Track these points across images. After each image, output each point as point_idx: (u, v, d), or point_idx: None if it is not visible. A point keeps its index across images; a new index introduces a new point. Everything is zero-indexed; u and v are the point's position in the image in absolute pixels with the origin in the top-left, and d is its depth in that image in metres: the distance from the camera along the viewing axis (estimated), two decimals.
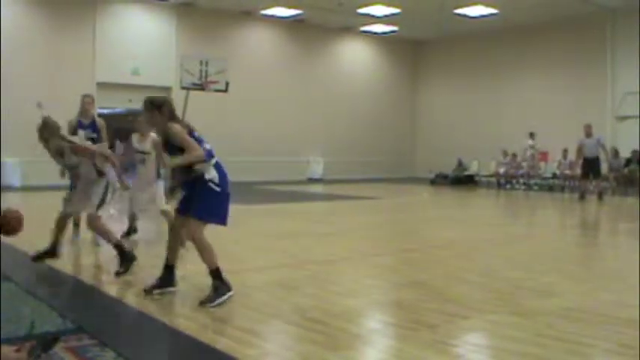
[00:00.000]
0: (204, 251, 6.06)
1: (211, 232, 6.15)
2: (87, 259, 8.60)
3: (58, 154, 7.34)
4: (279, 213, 14.98)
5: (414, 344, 4.83)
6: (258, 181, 24.77)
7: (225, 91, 18.76)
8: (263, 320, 5.48)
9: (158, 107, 6.09)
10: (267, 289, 6.59)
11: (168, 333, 5.17)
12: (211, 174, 6.09)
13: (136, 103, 24.36)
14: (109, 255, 7.45)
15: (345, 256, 9.13)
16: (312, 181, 27.46)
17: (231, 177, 6.46)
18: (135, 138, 9.40)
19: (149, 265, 7.53)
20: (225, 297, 5.89)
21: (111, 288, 6.51)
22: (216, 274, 6.02)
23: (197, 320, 5.38)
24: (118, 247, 7.30)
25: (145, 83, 23.53)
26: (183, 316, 5.57)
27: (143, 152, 9.24)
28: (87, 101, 9.33)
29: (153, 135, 8.78)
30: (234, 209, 6.45)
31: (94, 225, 7.46)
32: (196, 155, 5.96)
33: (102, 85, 23.17)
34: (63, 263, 7.65)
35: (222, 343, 4.71)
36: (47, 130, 7.25)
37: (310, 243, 10.16)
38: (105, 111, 27.17)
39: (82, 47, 23.07)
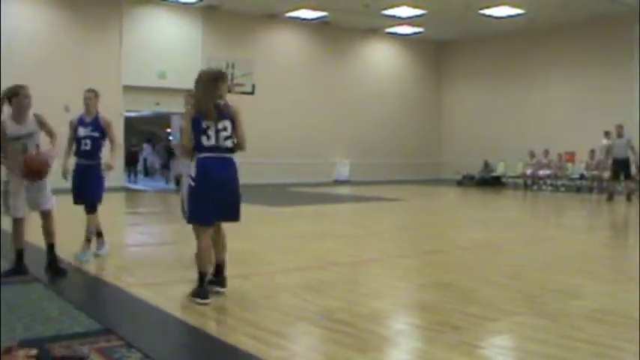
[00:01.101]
0: (197, 253, 6.13)
1: (241, 233, 6.17)
2: (112, 260, 8.66)
3: None
4: (306, 215, 15.00)
5: (440, 346, 4.82)
6: (285, 183, 24.80)
7: (252, 93, 18.85)
8: (290, 322, 5.50)
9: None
10: (294, 290, 6.61)
11: (195, 334, 5.20)
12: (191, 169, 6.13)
13: (163, 107, 24.63)
14: (135, 257, 7.51)
15: (372, 257, 9.13)
16: (338, 182, 27.46)
17: (257, 179, 6.49)
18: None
19: (178, 267, 7.58)
20: (195, 301, 5.92)
21: (137, 289, 6.55)
22: (201, 277, 6.03)
23: (224, 322, 5.41)
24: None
25: (172, 86, 23.66)
26: (210, 317, 5.60)
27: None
28: (87, 96, 8.43)
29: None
30: (262, 211, 6.49)
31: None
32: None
33: (128, 89, 23.35)
34: (89, 265, 7.72)
35: (249, 345, 4.72)
36: None
37: (337, 245, 10.16)
38: (132, 114, 27.47)
39: (108, 50, 23.26)
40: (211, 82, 6.04)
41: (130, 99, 23.69)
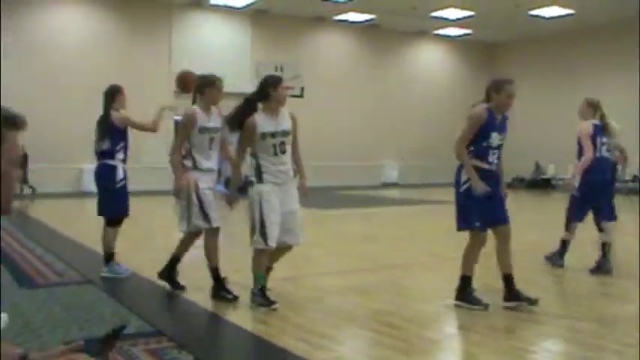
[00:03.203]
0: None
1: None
2: (164, 263, 8.74)
3: None
4: (355, 217, 15.01)
5: (490, 350, 4.79)
6: (334, 185, 24.77)
7: (301, 96, 18.86)
8: (338, 325, 5.51)
9: None
10: (343, 293, 6.62)
11: (244, 337, 5.24)
12: None
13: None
14: (186, 259, 7.55)
15: (421, 260, 9.10)
16: (387, 185, 27.38)
17: (307, 182, 6.49)
18: None
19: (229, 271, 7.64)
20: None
21: (188, 292, 6.62)
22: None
23: (272, 324, 5.44)
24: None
25: None
26: (259, 320, 5.64)
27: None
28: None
29: None
30: (310, 213, 6.51)
31: None
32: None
33: (178, 92, 23.55)
34: (142, 267, 7.81)
35: (297, 347, 4.75)
36: None
37: (386, 247, 10.15)
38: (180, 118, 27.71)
39: (158, 54, 23.50)
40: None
41: (179, 103, 23.89)
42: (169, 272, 6.79)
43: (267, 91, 6.15)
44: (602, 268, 7.79)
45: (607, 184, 8.21)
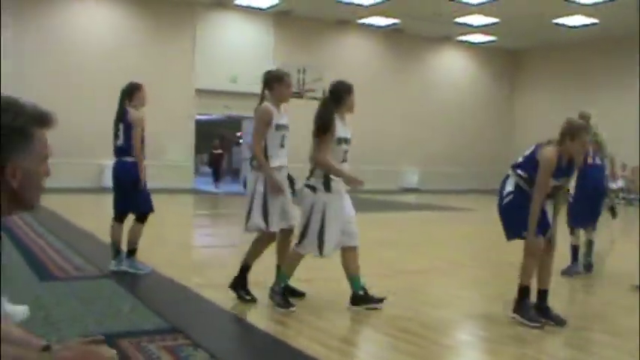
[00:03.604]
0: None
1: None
2: (182, 261, 8.81)
3: None
4: (375, 222, 14.98)
5: (504, 358, 4.79)
6: (354, 189, 24.67)
7: None
8: (354, 328, 5.53)
9: None
10: None
11: (260, 337, 5.27)
12: None
13: (234, 110, 24.93)
14: (203, 257, 7.62)
15: (438, 266, 9.10)
16: (407, 190, 27.35)
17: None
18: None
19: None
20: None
21: (205, 290, 6.65)
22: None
23: (289, 325, 5.46)
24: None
25: (243, 90, 23.97)
26: (276, 320, 5.67)
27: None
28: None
29: None
30: None
31: None
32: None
33: (200, 92, 23.69)
34: (159, 264, 7.86)
35: (313, 350, 4.77)
36: None
37: (404, 253, 10.15)
38: (203, 117, 27.81)
39: (181, 53, 23.63)
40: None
41: (201, 102, 24.02)
42: (240, 282, 6.32)
43: (342, 96, 6.21)
44: (572, 270, 8.22)
45: (599, 190, 8.42)
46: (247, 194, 6.24)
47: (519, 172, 5.90)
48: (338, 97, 6.18)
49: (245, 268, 6.30)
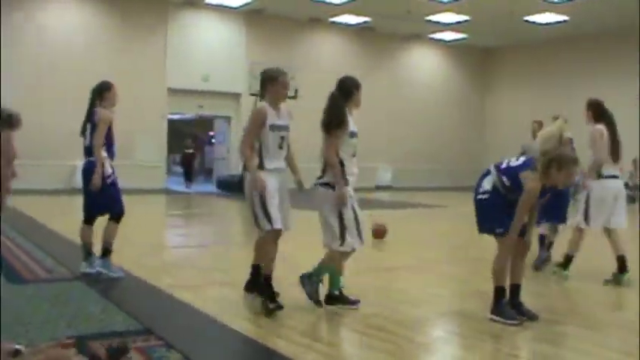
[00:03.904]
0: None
1: (281, 239, 6.16)
2: (153, 261, 8.73)
3: None
4: None
5: (478, 354, 4.79)
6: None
7: (295, 97, 18.84)
8: (330, 327, 5.51)
9: None
10: None
11: (232, 336, 5.23)
12: None
13: (206, 110, 24.83)
14: (174, 258, 7.56)
15: (411, 264, 9.10)
16: (380, 188, 27.38)
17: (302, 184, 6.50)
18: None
19: (216, 269, 7.61)
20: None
21: (177, 291, 6.60)
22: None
23: (261, 324, 5.43)
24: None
25: (215, 89, 23.87)
26: (248, 319, 5.63)
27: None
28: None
29: None
30: (303, 215, 6.47)
31: None
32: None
33: (172, 91, 23.55)
34: (130, 265, 7.77)
35: (285, 348, 4.74)
36: None
37: (376, 250, 10.13)
38: (175, 116, 27.66)
39: (153, 53, 23.49)
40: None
41: (173, 101, 23.88)
42: (266, 288, 6.02)
43: (351, 91, 6.28)
44: (541, 258, 8.56)
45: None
46: (246, 198, 6.15)
47: (503, 178, 5.78)
48: (348, 92, 6.25)
49: (267, 277, 6.04)
